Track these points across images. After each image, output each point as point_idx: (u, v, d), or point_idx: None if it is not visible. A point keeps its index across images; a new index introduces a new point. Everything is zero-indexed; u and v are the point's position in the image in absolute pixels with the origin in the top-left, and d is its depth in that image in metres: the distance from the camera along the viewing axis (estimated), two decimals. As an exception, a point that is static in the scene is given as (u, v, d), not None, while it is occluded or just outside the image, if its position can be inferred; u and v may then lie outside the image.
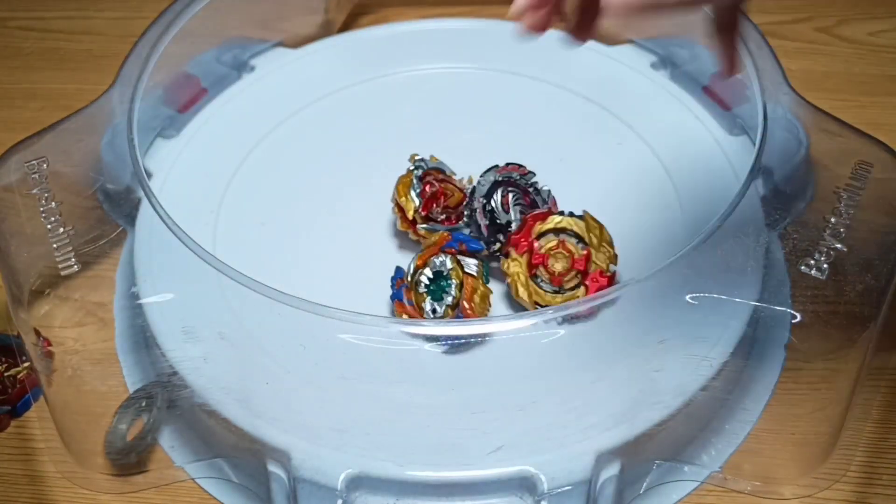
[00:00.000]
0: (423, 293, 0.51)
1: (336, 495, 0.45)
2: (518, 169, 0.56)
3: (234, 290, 0.46)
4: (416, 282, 0.51)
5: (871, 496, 0.48)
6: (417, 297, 0.51)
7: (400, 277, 0.52)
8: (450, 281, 0.51)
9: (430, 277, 0.51)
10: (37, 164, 0.52)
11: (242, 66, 0.68)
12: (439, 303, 0.51)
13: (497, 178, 0.55)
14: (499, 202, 0.54)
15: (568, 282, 0.51)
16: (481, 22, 0.72)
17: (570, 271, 0.51)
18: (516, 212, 0.54)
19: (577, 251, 0.51)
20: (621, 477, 0.46)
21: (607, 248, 0.51)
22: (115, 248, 0.55)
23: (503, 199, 0.54)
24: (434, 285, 0.51)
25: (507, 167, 0.56)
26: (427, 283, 0.51)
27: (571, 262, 0.51)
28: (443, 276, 0.51)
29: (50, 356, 0.49)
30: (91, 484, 0.50)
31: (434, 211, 0.54)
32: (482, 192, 0.55)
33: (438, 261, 0.52)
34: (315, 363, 0.48)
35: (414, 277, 0.52)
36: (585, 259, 0.51)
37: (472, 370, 0.48)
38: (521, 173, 0.56)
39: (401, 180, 0.55)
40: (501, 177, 0.55)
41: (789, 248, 0.50)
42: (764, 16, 0.76)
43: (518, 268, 0.52)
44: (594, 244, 0.51)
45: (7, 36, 0.78)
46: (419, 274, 0.51)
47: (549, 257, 0.51)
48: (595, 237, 0.52)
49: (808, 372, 0.50)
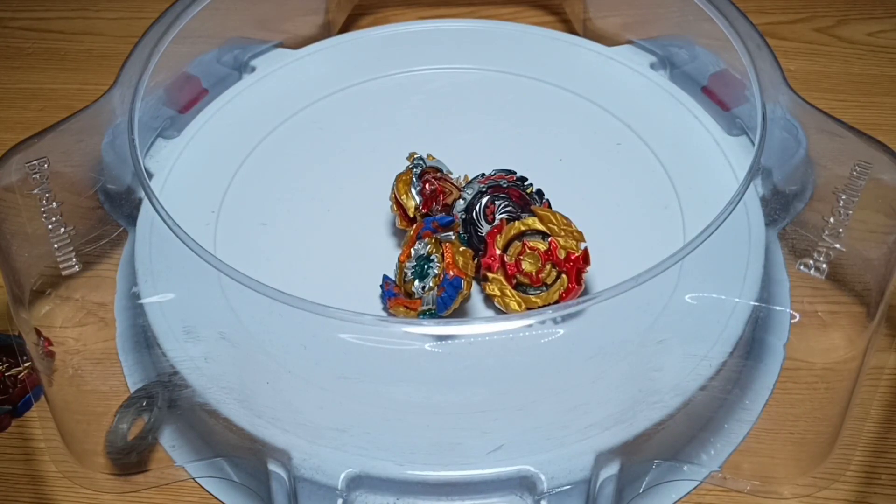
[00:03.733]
0: (410, 280, 0.51)
1: (336, 494, 0.45)
2: (506, 176, 0.55)
3: (234, 289, 0.46)
4: (403, 275, 0.51)
5: (871, 496, 0.48)
6: (406, 285, 0.51)
7: (388, 281, 0.52)
8: (432, 258, 0.51)
9: (413, 264, 0.51)
10: (38, 165, 0.53)
11: (243, 67, 0.69)
12: (425, 279, 0.51)
13: (480, 188, 0.55)
14: (481, 213, 0.54)
15: (547, 276, 0.51)
16: (481, 22, 0.72)
17: (545, 266, 0.51)
18: (499, 220, 0.54)
19: (541, 245, 0.51)
20: (621, 476, 0.46)
21: (568, 229, 0.51)
22: (115, 248, 0.55)
23: (487, 209, 0.54)
24: (418, 267, 0.51)
25: (495, 175, 0.55)
26: (413, 268, 0.51)
27: (541, 257, 0.51)
28: (424, 257, 0.51)
29: (51, 356, 0.49)
30: (92, 483, 0.50)
31: (434, 209, 0.54)
32: (461, 206, 0.54)
33: (418, 247, 0.52)
34: (316, 363, 0.48)
35: (401, 273, 0.52)
36: (552, 249, 0.51)
37: (472, 370, 0.48)
38: (508, 180, 0.55)
39: (400, 178, 0.55)
40: (486, 186, 0.55)
41: (788, 247, 0.50)
42: (763, 16, 0.76)
43: (499, 285, 0.51)
44: (555, 231, 0.51)
45: (7, 36, 0.78)
46: (404, 268, 0.51)
47: (520, 263, 0.51)
48: (553, 225, 0.51)
49: (807, 372, 0.51)
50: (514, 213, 0.53)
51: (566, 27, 0.76)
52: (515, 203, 0.54)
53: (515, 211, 0.54)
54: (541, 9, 0.78)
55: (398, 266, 0.52)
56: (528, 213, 0.53)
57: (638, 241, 0.55)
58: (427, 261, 0.51)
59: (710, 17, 0.60)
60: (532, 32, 0.70)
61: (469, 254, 0.51)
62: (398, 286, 0.52)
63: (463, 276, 0.49)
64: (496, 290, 0.51)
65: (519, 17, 0.77)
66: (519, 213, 0.53)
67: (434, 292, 0.50)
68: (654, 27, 0.69)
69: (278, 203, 0.58)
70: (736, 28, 0.58)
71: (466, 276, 0.50)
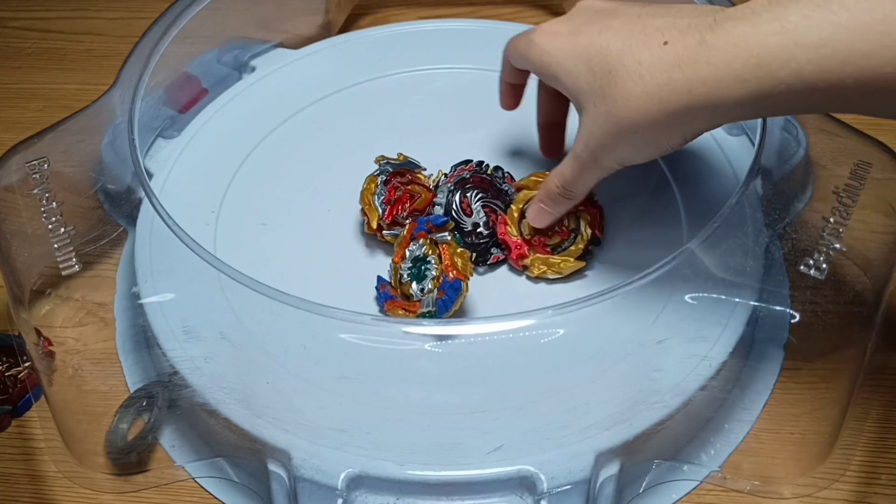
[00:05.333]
0: (407, 282, 0.51)
1: (336, 494, 0.45)
2: (466, 167, 0.56)
3: (234, 289, 0.46)
4: (399, 276, 0.51)
5: (871, 496, 0.48)
6: (403, 287, 0.51)
7: (383, 282, 0.52)
8: (428, 259, 0.51)
9: (409, 266, 0.51)
10: (38, 165, 0.53)
11: (243, 67, 0.69)
12: (423, 281, 0.51)
13: (449, 187, 0.55)
14: (459, 209, 0.54)
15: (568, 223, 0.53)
16: (481, 23, 0.72)
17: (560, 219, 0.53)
18: (479, 209, 0.54)
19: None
20: (621, 476, 0.46)
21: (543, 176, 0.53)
22: (115, 248, 0.55)
23: (463, 204, 0.54)
24: (415, 269, 0.51)
25: (456, 171, 0.56)
26: (409, 270, 0.51)
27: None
28: (420, 258, 0.51)
29: (51, 356, 0.49)
30: (92, 483, 0.50)
31: (399, 216, 0.54)
32: (440, 211, 0.55)
33: (413, 248, 0.52)
34: (315, 363, 0.48)
35: (396, 275, 0.52)
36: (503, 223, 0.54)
37: (472, 370, 0.48)
38: (469, 170, 0.56)
39: (365, 187, 0.55)
40: (452, 184, 0.55)
41: (788, 247, 0.50)
42: (763, 16, 0.76)
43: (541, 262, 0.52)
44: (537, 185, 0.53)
45: (7, 36, 0.78)
46: (399, 270, 0.51)
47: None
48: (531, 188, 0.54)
49: (807, 372, 0.51)
50: (487, 199, 0.55)
51: (566, 27, 0.76)
52: (484, 189, 0.55)
53: (486, 196, 0.55)
54: (541, 9, 0.78)
55: (392, 267, 0.52)
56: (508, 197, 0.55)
57: (638, 241, 0.55)
58: (423, 262, 0.51)
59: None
60: (532, 32, 0.70)
61: (466, 254, 0.51)
62: (394, 288, 0.52)
63: (463, 278, 0.49)
64: (544, 268, 0.52)
65: (519, 17, 0.77)
66: (506, 198, 0.55)
67: (434, 294, 0.50)
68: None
69: (278, 203, 0.58)
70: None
71: (466, 277, 0.50)
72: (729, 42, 0.38)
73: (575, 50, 0.44)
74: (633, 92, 0.41)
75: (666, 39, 0.41)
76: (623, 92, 0.42)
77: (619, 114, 0.42)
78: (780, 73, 0.37)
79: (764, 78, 0.38)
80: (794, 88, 0.37)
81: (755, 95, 0.38)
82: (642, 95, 0.41)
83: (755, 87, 0.38)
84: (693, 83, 0.39)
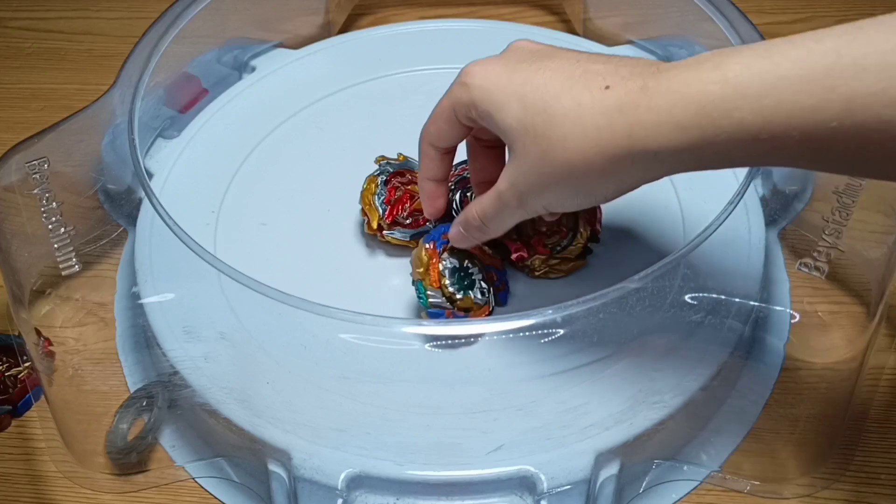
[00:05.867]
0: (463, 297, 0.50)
1: (336, 494, 0.45)
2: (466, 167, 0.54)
3: (234, 289, 0.46)
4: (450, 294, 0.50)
5: (871, 496, 0.48)
6: (461, 303, 0.50)
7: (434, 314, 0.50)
8: (466, 265, 0.50)
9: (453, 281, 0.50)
10: (38, 165, 0.53)
11: (243, 67, 0.69)
12: (474, 288, 0.50)
13: (450, 187, 0.54)
14: (460, 208, 0.54)
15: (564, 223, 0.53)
16: (481, 23, 0.72)
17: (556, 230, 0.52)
18: None
19: None
20: (621, 476, 0.46)
21: None
22: (115, 248, 0.55)
23: (463, 203, 0.54)
24: (458, 282, 0.50)
25: (456, 172, 0.55)
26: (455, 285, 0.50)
27: None
28: (457, 269, 0.50)
29: (51, 356, 0.49)
30: (92, 483, 0.50)
31: (400, 216, 0.54)
32: None
33: (446, 264, 0.50)
34: (316, 363, 0.48)
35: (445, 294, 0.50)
36: None
37: (472, 370, 0.48)
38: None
39: (365, 187, 0.55)
40: (453, 183, 0.54)
41: (788, 247, 0.50)
42: (763, 16, 0.76)
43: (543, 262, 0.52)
44: None
45: (7, 36, 0.78)
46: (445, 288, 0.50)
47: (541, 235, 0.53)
48: None
49: (807, 372, 0.51)
50: None
51: (566, 27, 0.76)
52: None
53: None
54: (541, 9, 0.78)
55: (422, 290, 0.50)
56: None
57: (638, 241, 0.55)
58: (463, 271, 0.50)
59: (710, 17, 0.60)
60: (532, 32, 0.70)
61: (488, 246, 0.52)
62: (449, 310, 0.50)
63: (499, 264, 0.52)
64: (547, 268, 0.52)
65: (519, 17, 0.77)
66: None
67: (490, 294, 0.51)
68: (654, 27, 0.69)
69: (278, 203, 0.58)
70: (736, 28, 0.58)
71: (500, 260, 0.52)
72: (671, 88, 0.37)
73: (509, 86, 0.42)
74: (570, 133, 0.39)
75: (608, 84, 0.39)
76: (559, 132, 0.40)
77: (553, 154, 0.40)
78: (722, 123, 0.36)
79: (705, 126, 0.36)
80: (737, 138, 0.36)
81: (697, 144, 0.37)
82: (581, 137, 0.39)
83: (697, 136, 0.37)
84: (633, 128, 0.38)
